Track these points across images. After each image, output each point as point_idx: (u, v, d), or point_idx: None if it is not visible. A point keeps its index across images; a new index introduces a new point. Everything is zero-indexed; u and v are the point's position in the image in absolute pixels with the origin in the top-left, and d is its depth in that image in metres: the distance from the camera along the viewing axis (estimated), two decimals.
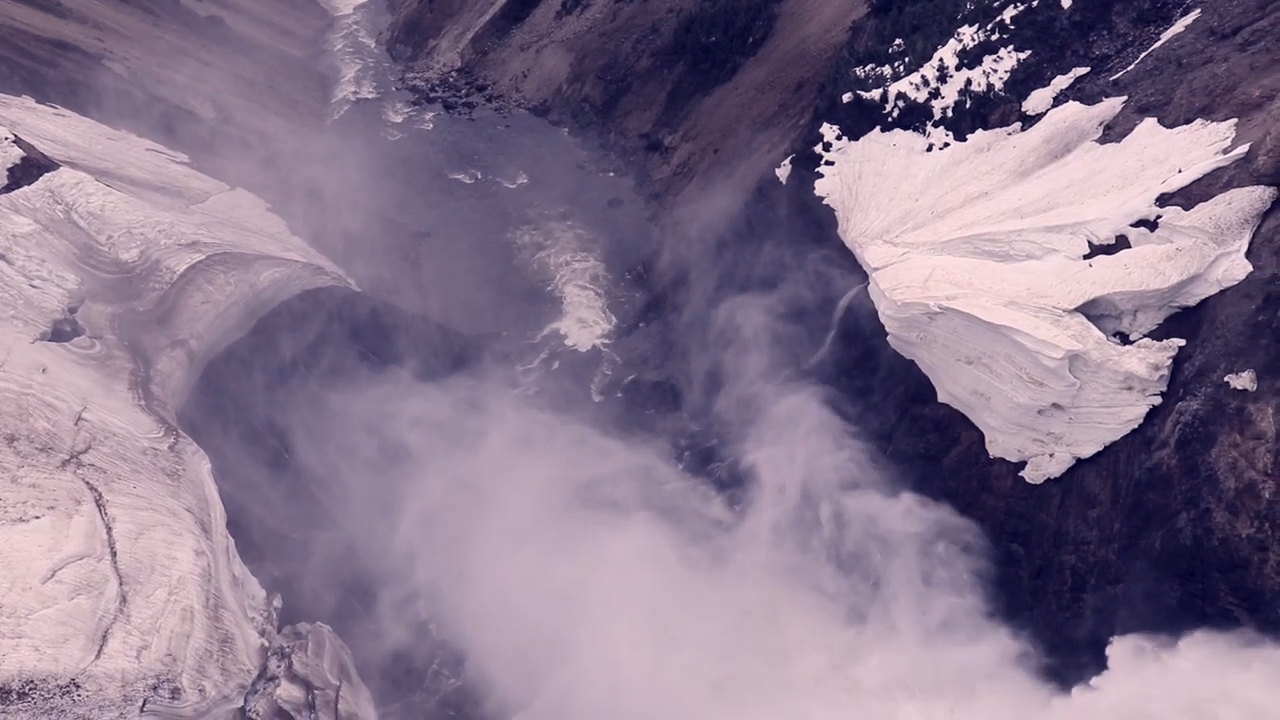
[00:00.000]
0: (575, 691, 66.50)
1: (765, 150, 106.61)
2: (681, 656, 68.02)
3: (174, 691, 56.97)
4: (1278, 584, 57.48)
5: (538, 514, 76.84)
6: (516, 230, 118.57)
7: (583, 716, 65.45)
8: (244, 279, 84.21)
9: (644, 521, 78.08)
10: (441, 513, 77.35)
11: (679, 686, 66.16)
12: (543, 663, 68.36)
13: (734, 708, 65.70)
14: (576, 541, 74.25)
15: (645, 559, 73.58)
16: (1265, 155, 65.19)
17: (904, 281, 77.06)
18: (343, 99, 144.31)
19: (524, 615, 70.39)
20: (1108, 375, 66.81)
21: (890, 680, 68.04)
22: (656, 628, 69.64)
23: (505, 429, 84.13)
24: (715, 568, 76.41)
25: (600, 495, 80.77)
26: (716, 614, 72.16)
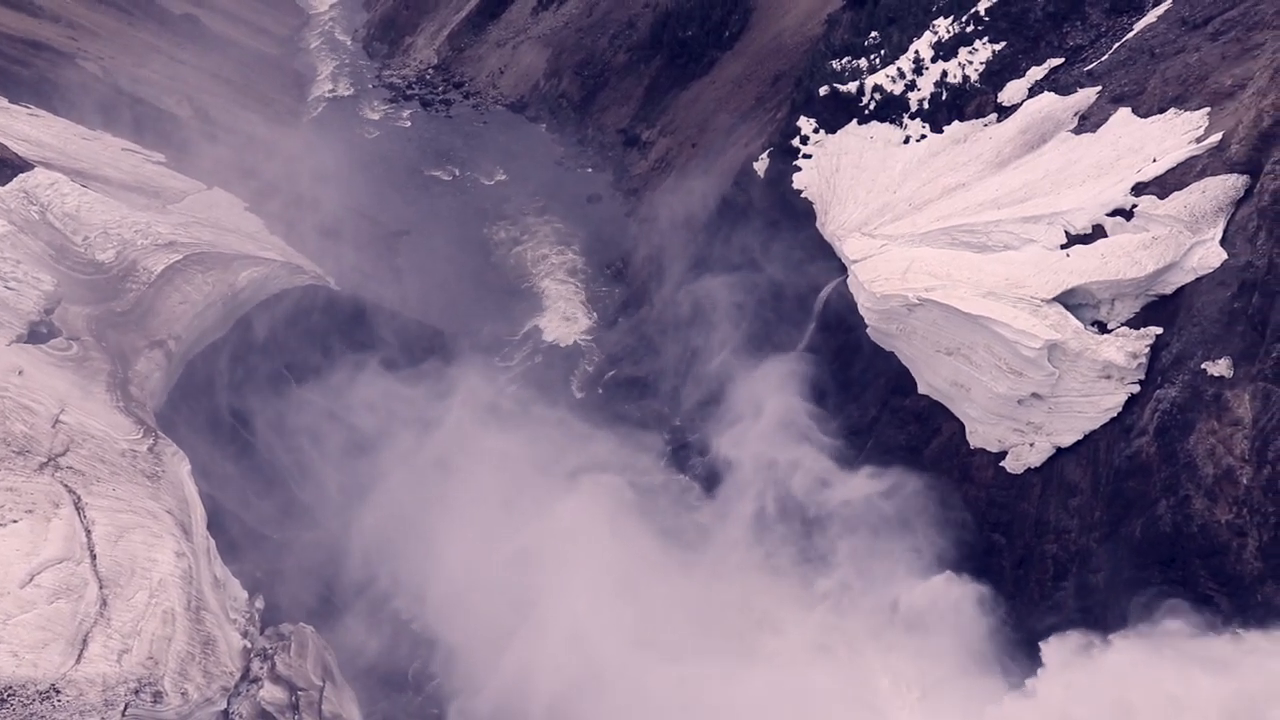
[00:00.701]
0: (538, 664, 66.79)
1: (743, 144, 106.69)
2: (647, 627, 68.66)
3: (156, 695, 56.70)
4: (1256, 569, 57.92)
5: (520, 508, 76.81)
6: (495, 227, 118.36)
7: (547, 689, 65.75)
8: (222, 279, 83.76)
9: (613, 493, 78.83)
10: (424, 510, 77.13)
11: (644, 661, 66.58)
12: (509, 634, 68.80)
13: (700, 677, 66.05)
14: (551, 536, 74.32)
15: (616, 532, 74.40)
16: (1238, 143, 65.60)
17: (883, 274, 77.26)
18: (319, 97, 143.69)
19: (499, 602, 70.52)
20: (1086, 364, 67.13)
21: (858, 660, 68.53)
22: (624, 596, 70.34)
23: (487, 426, 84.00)
24: (690, 551, 77.01)
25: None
26: (688, 592, 72.80)
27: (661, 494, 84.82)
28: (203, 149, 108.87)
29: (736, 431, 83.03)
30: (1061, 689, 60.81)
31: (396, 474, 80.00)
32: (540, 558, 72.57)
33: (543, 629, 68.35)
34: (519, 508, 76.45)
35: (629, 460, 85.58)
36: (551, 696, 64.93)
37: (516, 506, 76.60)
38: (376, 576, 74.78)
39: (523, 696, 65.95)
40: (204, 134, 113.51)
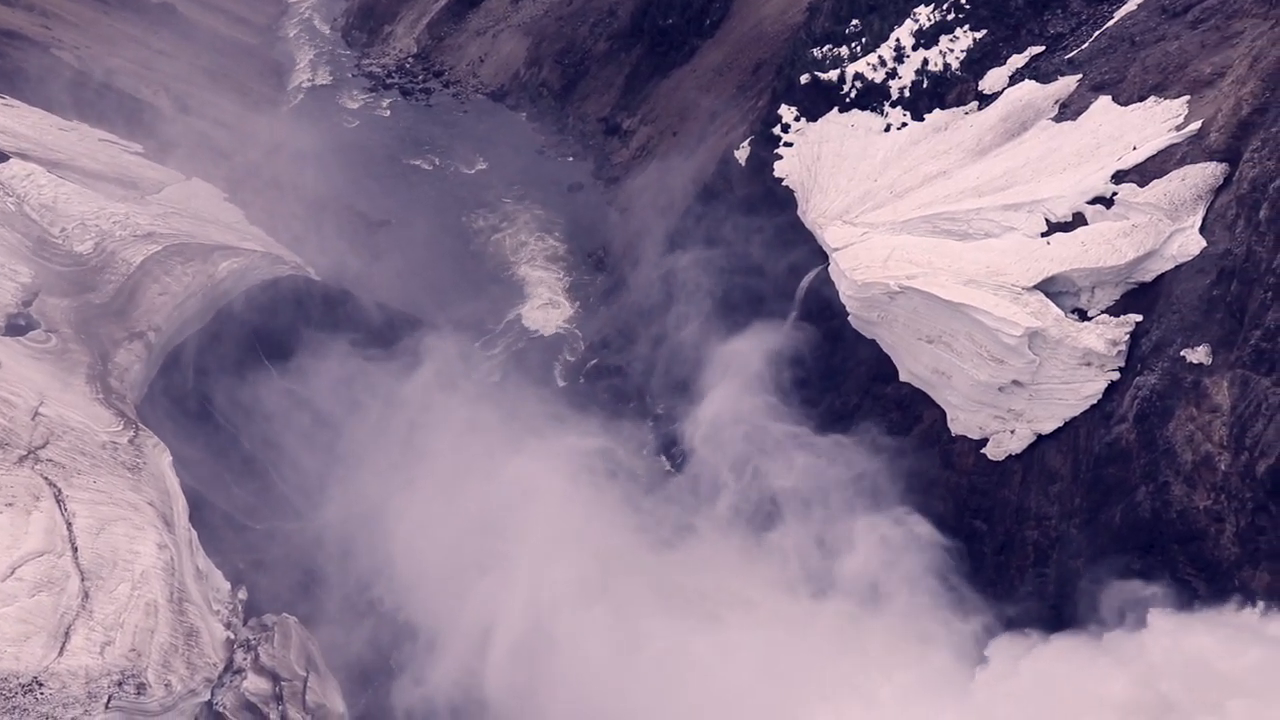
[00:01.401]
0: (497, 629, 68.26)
1: (724, 132, 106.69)
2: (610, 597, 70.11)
3: (139, 687, 56.68)
4: (1234, 554, 58.41)
5: (500, 492, 77.10)
6: (476, 215, 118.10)
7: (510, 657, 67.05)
8: (202, 270, 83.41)
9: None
10: (404, 500, 77.10)
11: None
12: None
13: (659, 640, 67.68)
14: (519, 505, 75.14)
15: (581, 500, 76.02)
16: (1217, 131, 65.97)
17: (864, 261, 77.41)
18: (298, 86, 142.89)
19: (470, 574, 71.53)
20: (1067, 352, 67.48)
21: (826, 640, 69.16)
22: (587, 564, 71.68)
23: (469, 415, 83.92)
24: (666, 534, 78.01)
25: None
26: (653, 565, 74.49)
27: (639, 474, 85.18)
28: (181, 139, 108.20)
29: (712, 417, 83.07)
30: (990, 689, 61.71)
31: (377, 463, 79.90)
32: (510, 528, 73.45)
33: (503, 593, 69.57)
34: (498, 493, 76.58)
35: (611, 445, 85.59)
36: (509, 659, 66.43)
37: (496, 492, 76.70)
38: (357, 565, 74.59)
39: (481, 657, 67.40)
40: (182, 124, 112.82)
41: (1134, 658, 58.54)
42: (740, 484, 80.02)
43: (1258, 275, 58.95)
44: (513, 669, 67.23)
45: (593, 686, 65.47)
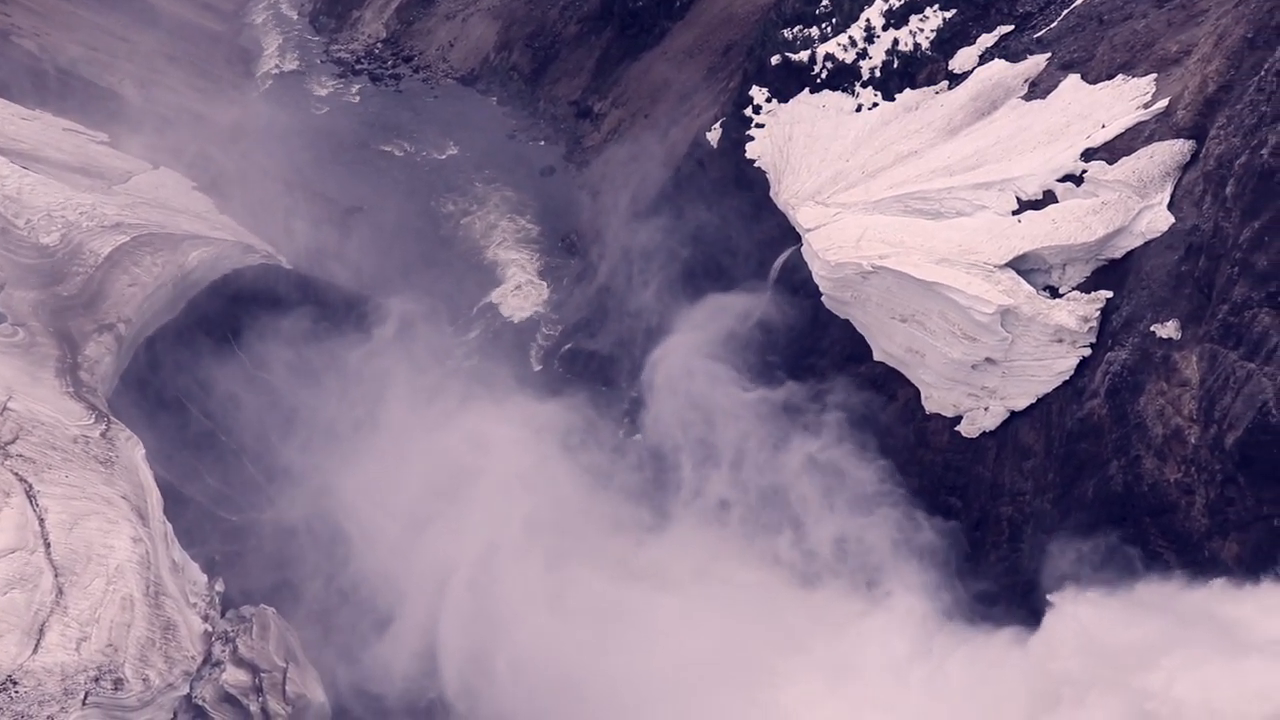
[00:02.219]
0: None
1: (695, 114, 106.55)
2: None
3: (116, 682, 56.48)
4: (1204, 525, 59.09)
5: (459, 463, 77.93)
6: (448, 201, 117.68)
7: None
8: (172, 260, 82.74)
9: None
10: (377, 486, 77.12)
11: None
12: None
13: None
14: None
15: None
16: (1184, 109, 66.39)
17: (837, 242, 77.61)
18: (266, 73, 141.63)
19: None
20: (1039, 328, 67.96)
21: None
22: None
23: (443, 401, 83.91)
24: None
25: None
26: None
27: (602, 442, 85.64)
28: (148, 128, 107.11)
29: (680, 398, 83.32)
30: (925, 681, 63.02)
31: (351, 450, 79.74)
32: (469, 499, 74.85)
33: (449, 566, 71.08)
34: (458, 461, 77.58)
35: (577, 417, 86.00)
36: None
37: (456, 461, 77.64)
38: (332, 552, 74.51)
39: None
40: (148, 112, 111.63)
41: (1036, 641, 60.30)
42: (702, 459, 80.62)
43: (1225, 251, 59.45)
44: (463, 640, 68.36)
45: (538, 649, 66.49)
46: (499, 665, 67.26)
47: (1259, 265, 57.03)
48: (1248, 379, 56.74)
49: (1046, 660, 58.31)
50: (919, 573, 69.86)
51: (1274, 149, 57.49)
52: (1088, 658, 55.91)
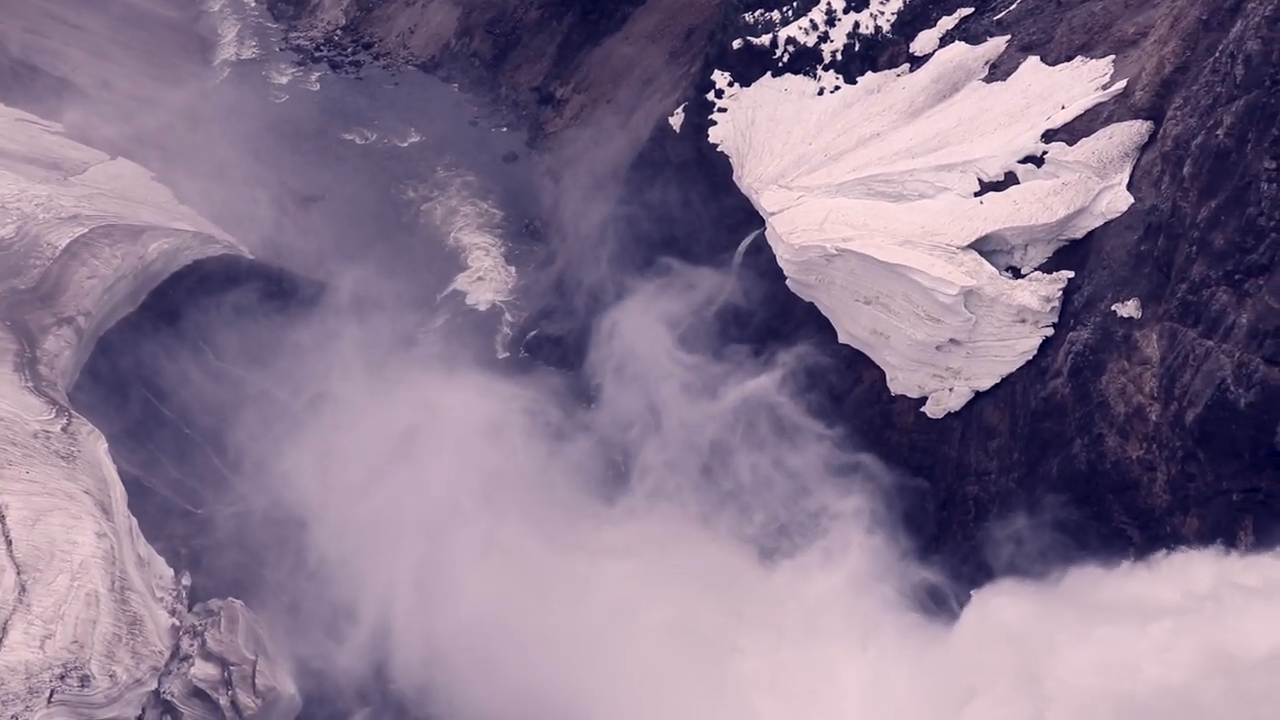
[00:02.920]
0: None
1: (658, 99, 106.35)
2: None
3: (83, 679, 56.01)
4: (1165, 501, 59.86)
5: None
6: (411, 189, 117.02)
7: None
8: (131, 251, 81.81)
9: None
10: (341, 474, 76.91)
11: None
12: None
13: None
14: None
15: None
16: (1141, 90, 66.97)
17: (800, 225, 77.83)
18: (224, 61, 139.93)
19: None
20: (1002, 309, 68.51)
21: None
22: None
23: (408, 385, 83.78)
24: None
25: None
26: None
27: (561, 418, 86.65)
28: (104, 117, 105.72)
29: (644, 380, 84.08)
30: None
31: (314, 441, 79.31)
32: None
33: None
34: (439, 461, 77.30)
35: (545, 405, 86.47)
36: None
37: (437, 460, 77.38)
38: (298, 543, 74.25)
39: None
40: (104, 102, 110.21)
41: (954, 634, 62.29)
42: (657, 437, 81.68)
43: (1183, 230, 60.09)
44: (416, 620, 68.95)
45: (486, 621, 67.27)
46: (449, 643, 67.91)
47: (1216, 244, 57.68)
48: (1206, 356, 57.44)
49: (964, 652, 59.63)
50: (876, 553, 70.71)
51: (1229, 129, 58.10)
52: (1000, 649, 57.20)
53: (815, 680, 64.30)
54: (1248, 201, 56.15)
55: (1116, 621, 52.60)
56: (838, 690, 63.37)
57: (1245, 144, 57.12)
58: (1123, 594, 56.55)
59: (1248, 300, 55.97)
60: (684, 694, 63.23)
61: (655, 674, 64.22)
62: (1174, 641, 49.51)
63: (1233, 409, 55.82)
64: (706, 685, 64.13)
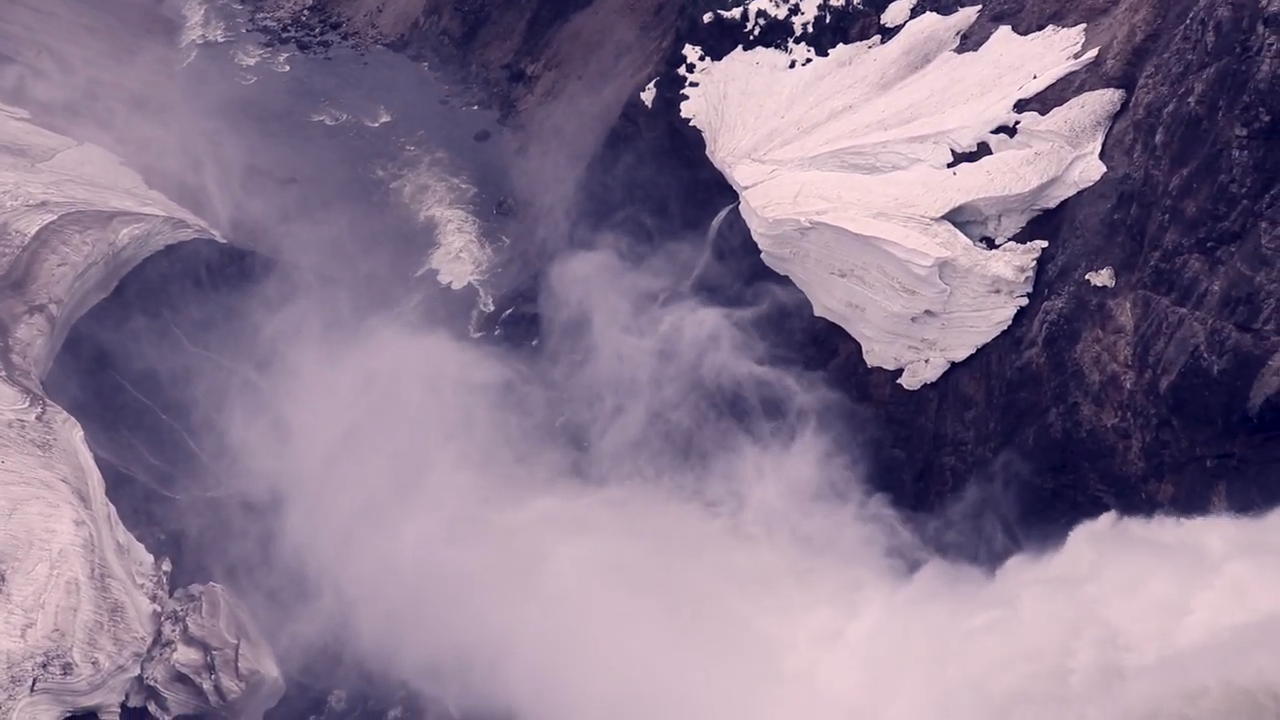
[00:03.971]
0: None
1: (629, 75, 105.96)
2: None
3: (65, 667, 56.00)
4: (1140, 468, 60.52)
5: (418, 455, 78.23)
6: (383, 169, 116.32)
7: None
8: (102, 237, 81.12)
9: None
10: (317, 455, 77.21)
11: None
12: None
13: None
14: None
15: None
16: (1113, 59, 67.23)
17: (774, 199, 77.86)
18: (191, 43, 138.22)
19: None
20: (976, 280, 68.82)
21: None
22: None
23: (382, 364, 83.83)
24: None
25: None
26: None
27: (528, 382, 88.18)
28: (70, 103, 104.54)
29: (619, 357, 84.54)
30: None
31: (291, 423, 79.24)
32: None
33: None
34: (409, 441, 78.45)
35: (518, 379, 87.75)
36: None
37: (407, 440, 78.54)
38: (276, 526, 74.31)
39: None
40: (70, 87, 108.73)
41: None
42: (632, 409, 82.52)
43: (1155, 198, 60.50)
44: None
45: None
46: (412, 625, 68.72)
47: (1188, 212, 58.12)
48: (1180, 324, 57.96)
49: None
50: (853, 526, 71.35)
51: (1200, 97, 58.46)
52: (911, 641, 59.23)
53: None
54: (1219, 169, 56.56)
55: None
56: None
57: (1216, 111, 57.50)
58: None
59: (1220, 268, 56.48)
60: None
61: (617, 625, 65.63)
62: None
63: (1206, 376, 56.39)
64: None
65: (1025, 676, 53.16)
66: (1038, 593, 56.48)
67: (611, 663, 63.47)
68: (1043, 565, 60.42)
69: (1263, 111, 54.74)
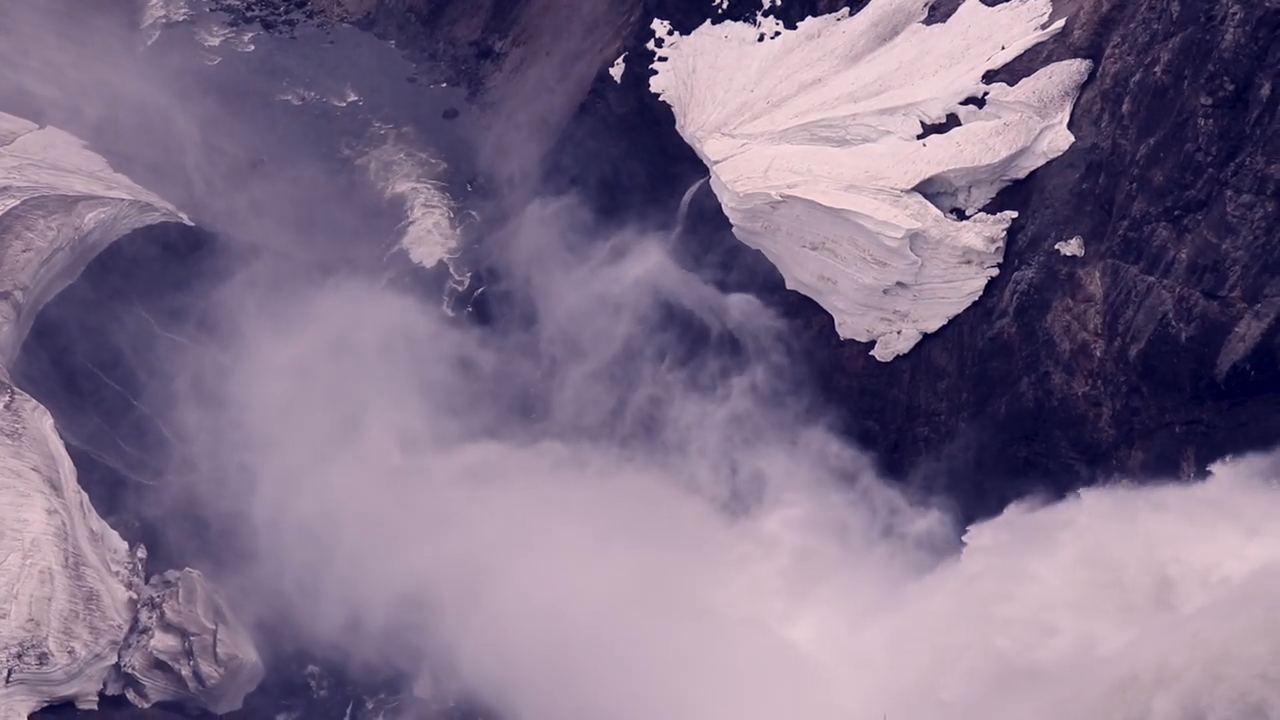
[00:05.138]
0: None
1: (597, 50, 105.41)
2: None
3: (41, 657, 55.86)
4: (1111, 435, 61.14)
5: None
6: (351, 149, 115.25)
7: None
8: (67, 222, 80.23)
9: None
10: (288, 437, 77.29)
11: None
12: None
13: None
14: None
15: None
16: (1080, 29, 67.43)
17: (744, 173, 77.82)
18: (153, 24, 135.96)
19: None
20: (947, 251, 69.11)
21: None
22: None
23: (354, 344, 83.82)
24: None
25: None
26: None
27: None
28: (30, 86, 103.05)
29: (590, 331, 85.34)
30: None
31: (264, 406, 79.08)
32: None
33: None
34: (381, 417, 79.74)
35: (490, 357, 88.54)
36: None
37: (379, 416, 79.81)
38: (250, 508, 74.31)
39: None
40: (29, 70, 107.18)
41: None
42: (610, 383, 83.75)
43: (1123, 168, 60.86)
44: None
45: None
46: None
47: (1156, 181, 58.50)
48: (1148, 292, 58.46)
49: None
50: (829, 496, 71.87)
51: (1166, 66, 58.76)
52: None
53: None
54: (1185, 138, 56.94)
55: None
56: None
57: (1182, 81, 57.84)
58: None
59: (1187, 236, 56.96)
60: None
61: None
62: None
63: (1174, 343, 56.96)
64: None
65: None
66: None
67: (535, 594, 66.00)
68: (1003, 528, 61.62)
69: (1227, 80, 55.09)
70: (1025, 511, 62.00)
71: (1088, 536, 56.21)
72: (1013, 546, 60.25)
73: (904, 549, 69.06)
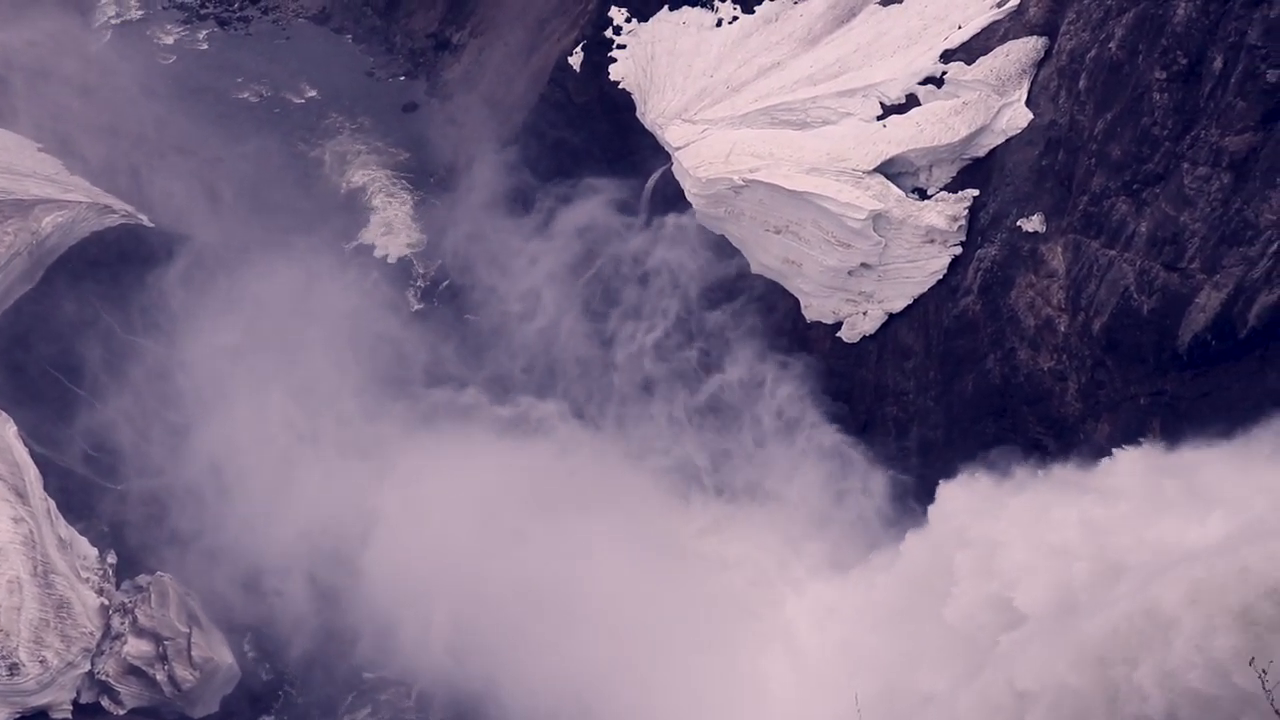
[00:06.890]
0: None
1: (555, 40, 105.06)
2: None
3: (12, 668, 55.38)
4: (1077, 409, 61.66)
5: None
6: (311, 145, 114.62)
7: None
8: (23, 227, 79.28)
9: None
10: (255, 436, 77.17)
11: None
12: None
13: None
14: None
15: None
16: (1035, 6, 67.83)
17: (706, 158, 77.90)
18: (105, 23, 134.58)
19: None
20: (910, 231, 69.45)
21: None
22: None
23: (319, 347, 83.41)
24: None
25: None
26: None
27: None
28: None
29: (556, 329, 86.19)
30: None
31: (230, 406, 78.77)
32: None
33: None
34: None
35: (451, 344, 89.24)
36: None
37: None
38: (219, 510, 74.12)
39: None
40: None
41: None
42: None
43: (1081, 143, 61.29)
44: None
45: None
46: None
47: (1114, 155, 58.97)
48: (1110, 266, 58.97)
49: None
50: (807, 475, 72.37)
51: (1121, 41, 59.19)
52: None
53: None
54: (1141, 112, 57.39)
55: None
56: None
57: (1136, 55, 58.28)
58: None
59: (1146, 209, 57.46)
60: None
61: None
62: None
63: (1136, 316, 57.50)
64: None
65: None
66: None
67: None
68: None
69: (1180, 54, 55.56)
70: (993, 485, 62.32)
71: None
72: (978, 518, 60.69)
73: (874, 527, 69.54)
